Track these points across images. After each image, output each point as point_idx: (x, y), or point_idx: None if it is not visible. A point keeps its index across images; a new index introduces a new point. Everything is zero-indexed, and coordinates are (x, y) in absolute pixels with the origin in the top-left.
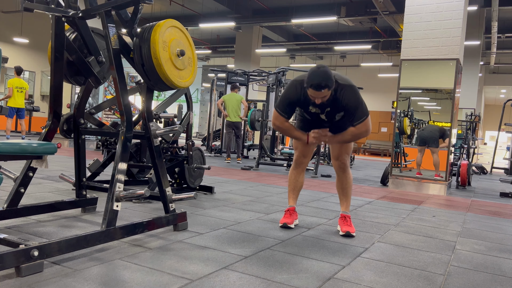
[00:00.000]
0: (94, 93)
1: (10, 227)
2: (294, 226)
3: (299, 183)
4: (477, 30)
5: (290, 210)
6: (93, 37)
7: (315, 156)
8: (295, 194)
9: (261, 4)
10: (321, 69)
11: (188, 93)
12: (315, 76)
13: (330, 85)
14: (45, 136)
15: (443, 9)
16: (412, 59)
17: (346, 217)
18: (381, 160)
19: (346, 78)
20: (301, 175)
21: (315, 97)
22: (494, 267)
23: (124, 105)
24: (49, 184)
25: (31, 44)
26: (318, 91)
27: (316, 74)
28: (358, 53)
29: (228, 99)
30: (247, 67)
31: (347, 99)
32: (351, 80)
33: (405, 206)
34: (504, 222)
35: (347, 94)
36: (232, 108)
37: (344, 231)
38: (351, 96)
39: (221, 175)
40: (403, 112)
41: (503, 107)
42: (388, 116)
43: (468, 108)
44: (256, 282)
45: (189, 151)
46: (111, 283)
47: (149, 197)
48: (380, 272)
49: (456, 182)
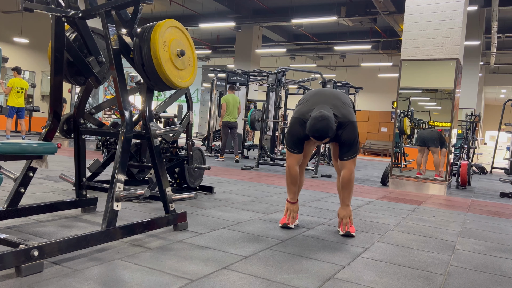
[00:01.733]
0: (94, 93)
1: (10, 227)
2: (294, 226)
3: (300, 183)
4: (477, 30)
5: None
6: (93, 37)
7: (315, 156)
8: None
9: (261, 4)
10: (322, 122)
11: (188, 93)
12: (316, 129)
13: (331, 135)
14: (45, 136)
15: (443, 9)
16: (412, 59)
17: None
18: (381, 160)
19: (346, 113)
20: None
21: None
22: (494, 267)
23: (124, 105)
24: (49, 184)
25: (31, 44)
26: (319, 140)
27: (317, 127)
28: (358, 53)
29: (230, 99)
30: (247, 67)
31: (346, 136)
32: (351, 114)
33: (405, 206)
34: (504, 222)
35: (347, 131)
36: (233, 109)
37: (344, 231)
38: (350, 134)
39: (221, 175)
40: (403, 112)
41: (503, 107)
42: (388, 116)
43: (468, 108)
44: (256, 282)
45: (189, 151)
46: (111, 283)
47: (149, 197)
48: (380, 272)
49: (456, 182)
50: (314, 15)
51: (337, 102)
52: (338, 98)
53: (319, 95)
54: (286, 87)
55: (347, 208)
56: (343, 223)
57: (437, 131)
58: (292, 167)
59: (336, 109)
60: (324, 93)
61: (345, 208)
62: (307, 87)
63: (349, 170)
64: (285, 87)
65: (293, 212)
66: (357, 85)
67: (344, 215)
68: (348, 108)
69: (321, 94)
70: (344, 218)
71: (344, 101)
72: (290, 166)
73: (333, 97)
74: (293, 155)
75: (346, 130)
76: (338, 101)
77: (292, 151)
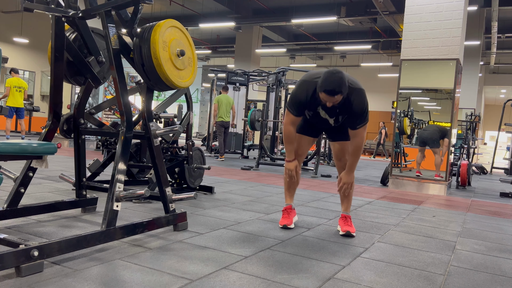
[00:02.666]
0: (94, 93)
1: (10, 227)
2: (294, 226)
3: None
4: (477, 30)
5: (287, 209)
6: (93, 37)
7: (315, 156)
8: (291, 192)
9: (261, 4)
10: (337, 74)
11: (188, 93)
12: (330, 82)
13: (344, 92)
14: (45, 136)
15: (443, 9)
16: (412, 59)
17: (347, 217)
18: (381, 160)
19: (356, 80)
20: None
21: (327, 101)
22: (494, 267)
23: (124, 105)
24: (49, 184)
25: (31, 44)
26: (331, 96)
27: (331, 80)
28: (358, 53)
29: (222, 99)
30: (247, 67)
31: (357, 103)
32: (359, 83)
33: (405, 206)
34: (504, 222)
35: (358, 98)
36: (226, 109)
37: (344, 231)
38: (361, 101)
39: (221, 175)
40: (403, 112)
41: (503, 107)
42: (388, 116)
43: (468, 108)
44: (256, 282)
45: (189, 151)
46: (111, 283)
47: (149, 197)
48: (380, 272)
49: (456, 182)
50: (314, 15)
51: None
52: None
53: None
54: (286, 87)
55: (351, 174)
56: (344, 188)
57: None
58: (286, 125)
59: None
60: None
61: (349, 174)
62: None
63: (361, 138)
64: (285, 87)
65: (291, 170)
66: None
67: (346, 181)
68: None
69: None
70: (346, 183)
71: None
72: (285, 124)
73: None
74: (290, 115)
75: (357, 96)
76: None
77: (290, 111)
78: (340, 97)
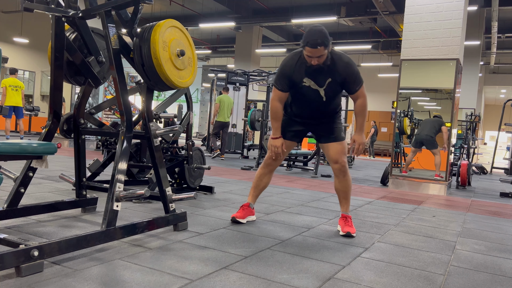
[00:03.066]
0: (94, 93)
1: (10, 227)
2: (246, 222)
3: (262, 183)
4: (477, 30)
5: (244, 205)
6: (93, 37)
7: (315, 156)
8: (256, 193)
9: (261, 4)
10: (317, 27)
11: (188, 93)
12: (310, 33)
13: (326, 43)
14: (45, 136)
15: (443, 9)
16: (412, 59)
17: (347, 218)
18: (381, 160)
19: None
20: (267, 176)
21: (312, 56)
22: (494, 267)
23: (124, 105)
24: (49, 184)
25: (31, 44)
26: (314, 48)
27: (312, 31)
28: (358, 53)
29: (224, 100)
30: (247, 67)
31: (345, 64)
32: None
33: (405, 206)
34: (504, 222)
35: (344, 60)
36: (227, 109)
37: (345, 232)
38: (348, 62)
39: (221, 175)
40: (403, 112)
41: (503, 107)
42: (388, 116)
43: (468, 108)
44: (256, 282)
45: (189, 151)
46: (111, 283)
47: (149, 197)
48: (380, 272)
49: (456, 182)
50: (314, 15)
51: None
52: None
53: None
54: None
55: (362, 134)
56: (356, 148)
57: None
58: (272, 101)
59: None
60: None
61: (360, 134)
62: None
63: (363, 97)
64: None
65: (277, 147)
66: None
67: (360, 141)
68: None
69: None
70: (361, 143)
71: None
72: (271, 100)
73: None
74: (276, 90)
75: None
76: None
77: (276, 86)
78: (323, 50)
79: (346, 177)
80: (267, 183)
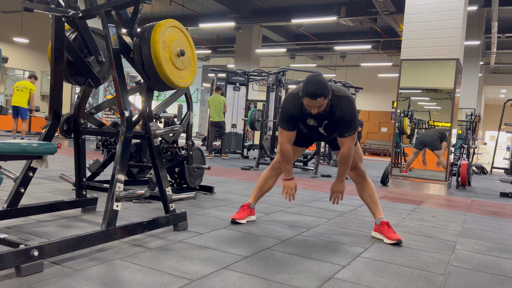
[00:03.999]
0: (94, 93)
1: (10, 227)
2: (246, 222)
3: (267, 185)
4: (477, 30)
5: (245, 206)
6: (93, 37)
7: (315, 156)
8: (259, 194)
9: (261, 4)
10: (316, 77)
11: (188, 93)
12: (310, 84)
13: (326, 94)
14: (45, 136)
15: (443, 9)
16: (412, 59)
17: (389, 224)
18: (381, 160)
19: (343, 89)
20: (272, 179)
21: (311, 106)
22: (494, 267)
23: (124, 105)
24: (49, 184)
25: (31, 44)
26: (313, 99)
27: (311, 82)
28: (358, 53)
29: (212, 100)
30: (247, 67)
31: (344, 110)
32: (347, 91)
33: (405, 206)
34: (504, 222)
35: (345, 105)
36: (215, 109)
37: (396, 239)
38: (348, 108)
39: (221, 175)
40: (403, 112)
41: (503, 107)
42: (388, 116)
43: (468, 108)
44: (256, 282)
45: (189, 151)
46: (111, 283)
47: (149, 197)
48: (380, 272)
49: (456, 182)
50: (314, 15)
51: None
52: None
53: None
54: (286, 87)
55: (341, 183)
56: (334, 197)
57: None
58: (283, 144)
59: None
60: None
61: (338, 183)
62: None
63: (348, 148)
64: (285, 87)
65: (291, 189)
66: (357, 85)
67: (336, 189)
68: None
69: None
70: (336, 192)
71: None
72: (281, 143)
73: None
74: (284, 132)
75: (344, 103)
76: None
77: (283, 127)
78: (323, 101)
79: (367, 180)
80: (271, 186)
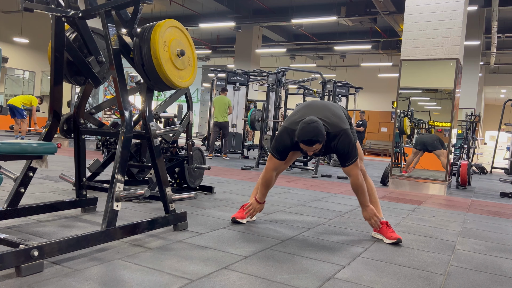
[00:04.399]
0: (94, 93)
1: (10, 227)
2: (246, 222)
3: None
4: (477, 30)
5: (245, 205)
6: (93, 37)
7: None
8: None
9: (261, 4)
10: (312, 124)
11: (188, 93)
12: (305, 132)
13: (321, 140)
14: (45, 136)
15: (443, 9)
16: (412, 59)
17: (388, 224)
18: (381, 160)
19: (336, 122)
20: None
21: (307, 150)
22: (494, 267)
23: (124, 105)
24: (49, 184)
25: (31, 44)
26: (309, 146)
27: (306, 130)
28: (358, 53)
29: (217, 101)
30: (247, 67)
31: (341, 146)
32: (342, 122)
33: (405, 206)
34: (504, 222)
35: (341, 141)
36: (219, 109)
37: (395, 239)
38: (345, 143)
39: (221, 175)
40: (403, 112)
41: (503, 107)
42: (388, 116)
43: (468, 108)
44: (256, 282)
45: (189, 151)
46: (111, 283)
47: (149, 197)
48: (380, 272)
49: (456, 182)
50: (314, 15)
51: (327, 113)
52: (329, 109)
53: (309, 107)
54: (286, 87)
55: (368, 208)
56: (372, 223)
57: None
58: (268, 171)
59: (327, 119)
60: (315, 104)
61: (366, 209)
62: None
63: (354, 177)
64: (285, 87)
65: (256, 211)
66: (357, 85)
67: (368, 217)
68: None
69: (311, 106)
70: (369, 219)
71: (334, 111)
72: (268, 169)
73: (323, 108)
74: (274, 159)
75: (339, 141)
76: (328, 112)
77: (274, 156)
78: (319, 146)
79: (368, 180)
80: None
